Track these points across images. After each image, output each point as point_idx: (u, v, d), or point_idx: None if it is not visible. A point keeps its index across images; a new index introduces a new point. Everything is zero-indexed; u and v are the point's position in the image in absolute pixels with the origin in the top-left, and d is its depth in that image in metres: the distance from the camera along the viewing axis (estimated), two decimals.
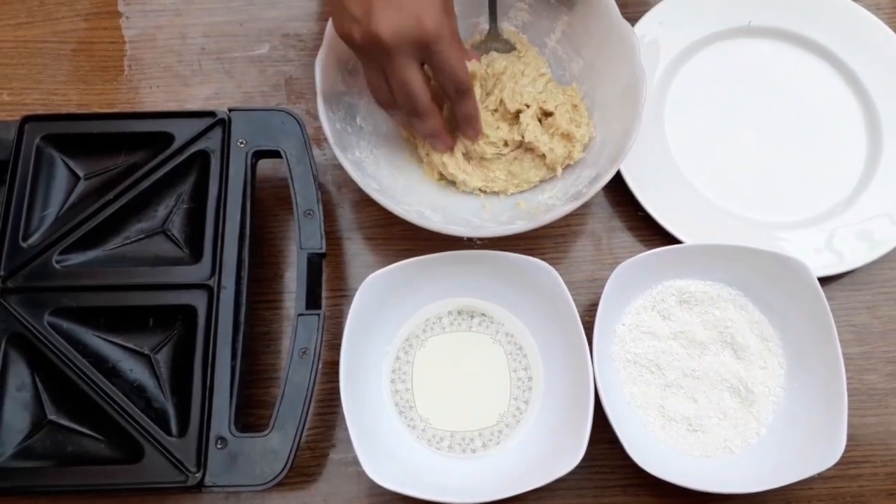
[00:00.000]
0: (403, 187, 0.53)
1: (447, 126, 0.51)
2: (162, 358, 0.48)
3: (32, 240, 0.50)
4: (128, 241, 0.51)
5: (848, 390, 0.46)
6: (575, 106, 0.54)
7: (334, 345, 0.50)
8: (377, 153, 0.54)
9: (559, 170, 0.52)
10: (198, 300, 0.48)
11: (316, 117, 0.51)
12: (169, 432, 0.45)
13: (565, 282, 0.48)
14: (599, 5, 0.53)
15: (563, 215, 0.48)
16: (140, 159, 0.52)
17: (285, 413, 0.45)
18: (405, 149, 0.56)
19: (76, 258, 0.50)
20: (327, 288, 0.53)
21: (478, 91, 0.53)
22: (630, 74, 0.51)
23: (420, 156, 0.55)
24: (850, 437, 0.45)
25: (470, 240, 0.53)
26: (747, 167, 0.57)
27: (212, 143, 0.52)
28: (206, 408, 0.46)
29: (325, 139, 0.50)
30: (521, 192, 0.54)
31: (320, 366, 0.47)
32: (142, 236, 0.51)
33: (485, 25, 0.58)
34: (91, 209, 0.50)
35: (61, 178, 0.52)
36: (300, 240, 0.49)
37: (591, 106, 0.54)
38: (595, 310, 0.48)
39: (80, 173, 0.53)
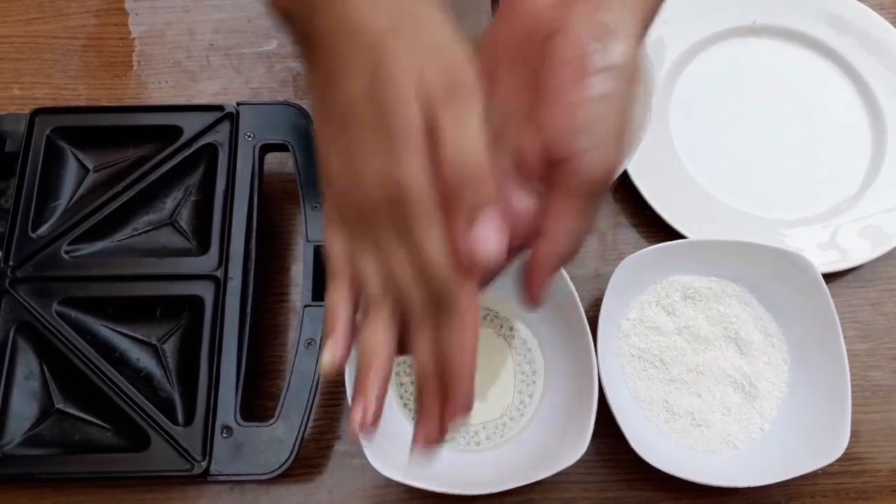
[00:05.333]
0: None
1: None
2: (169, 348, 0.49)
3: (42, 230, 0.50)
4: (136, 233, 0.51)
5: (852, 387, 0.46)
6: None
7: None
8: None
9: None
10: (205, 291, 0.48)
11: None
12: (175, 421, 0.46)
13: (570, 277, 0.48)
14: None
15: None
16: (149, 152, 0.52)
17: (291, 403, 0.46)
18: None
19: (85, 249, 0.50)
20: None
21: None
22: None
23: None
24: (854, 434, 0.45)
25: None
26: (752, 164, 0.57)
27: (220, 136, 0.52)
28: (212, 397, 0.46)
29: None
30: None
31: None
32: (150, 228, 0.51)
33: (486, 24, 0.58)
34: (100, 201, 0.50)
35: (71, 170, 0.53)
36: (307, 232, 0.50)
37: None
38: (599, 305, 0.48)
39: (90, 165, 0.53)
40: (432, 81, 0.27)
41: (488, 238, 0.28)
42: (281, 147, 0.52)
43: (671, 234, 0.54)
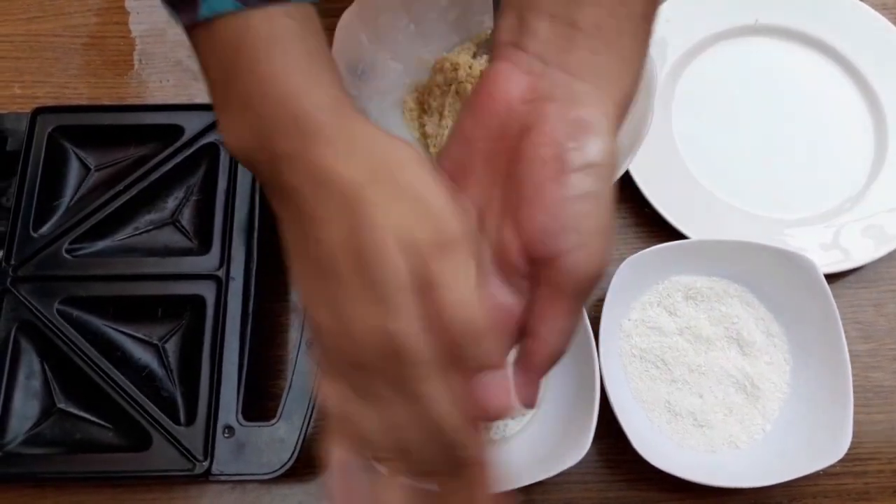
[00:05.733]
0: None
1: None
2: (170, 347, 0.49)
3: (43, 230, 0.50)
4: (137, 232, 0.51)
5: (854, 387, 0.46)
6: None
7: None
8: None
9: None
10: (206, 291, 0.48)
11: None
12: (177, 421, 0.46)
13: None
14: None
15: None
16: (150, 151, 0.53)
17: (292, 403, 0.46)
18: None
19: (86, 248, 0.50)
20: None
21: None
22: None
23: (431, 155, 0.55)
24: (856, 435, 0.45)
25: None
26: (754, 164, 0.57)
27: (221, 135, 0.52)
28: (214, 397, 0.46)
29: None
30: None
31: None
32: (151, 227, 0.52)
33: (489, 23, 0.58)
34: (101, 200, 0.50)
35: (72, 169, 0.53)
36: None
37: None
38: (601, 305, 0.48)
39: (91, 164, 0.53)
40: (419, 235, 0.26)
41: (499, 395, 0.27)
42: None
43: (673, 233, 0.54)
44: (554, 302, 0.28)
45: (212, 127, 0.52)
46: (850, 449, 0.44)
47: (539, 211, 0.28)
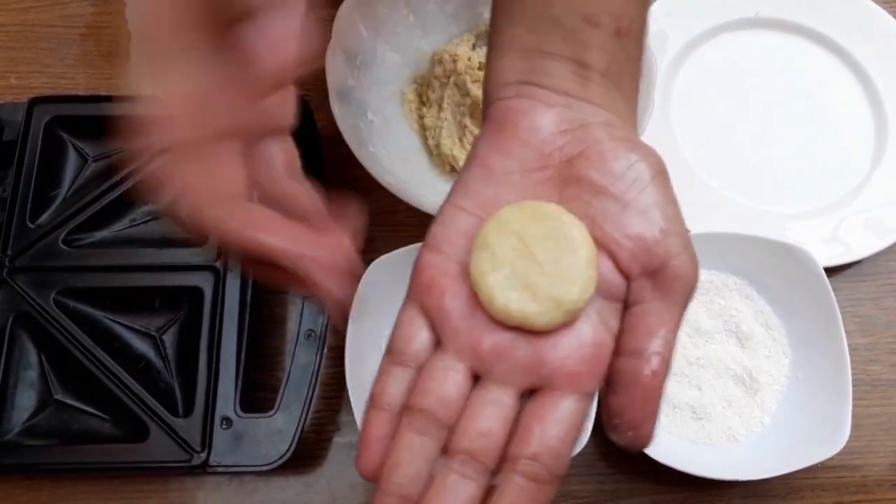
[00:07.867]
0: (416, 181, 0.53)
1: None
2: (168, 339, 0.49)
3: (40, 220, 0.50)
4: (135, 223, 0.51)
5: (852, 381, 0.46)
6: None
7: None
8: (389, 148, 0.54)
9: None
10: (204, 282, 0.48)
11: (322, 104, 0.51)
12: (174, 412, 0.46)
13: None
14: None
15: None
16: None
17: (291, 394, 0.45)
18: (415, 142, 0.56)
19: (83, 239, 0.50)
20: None
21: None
22: None
23: (430, 147, 0.55)
24: (853, 427, 0.45)
25: None
26: (754, 157, 0.57)
27: None
28: (212, 388, 0.46)
29: (336, 130, 0.50)
30: None
31: (326, 348, 0.47)
32: (149, 218, 0.51)
33: (487, 15, 0.58)
34: (98, 190, 0.50)
35: (70, 159, 0.52)
36: None
37: None
38: None
39: (88, 155, 0.53)
40: None
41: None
42: None
43: None
44: (662, 314, 0.28)
45: None
46: (847, 442, 0.44)
47: (639, 220, 0.28)
